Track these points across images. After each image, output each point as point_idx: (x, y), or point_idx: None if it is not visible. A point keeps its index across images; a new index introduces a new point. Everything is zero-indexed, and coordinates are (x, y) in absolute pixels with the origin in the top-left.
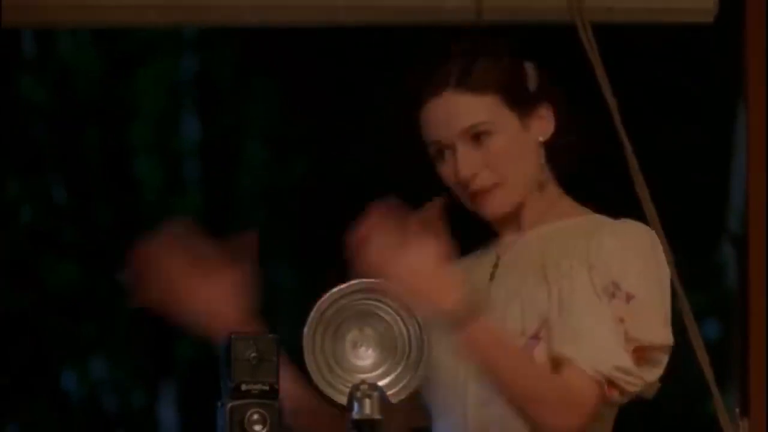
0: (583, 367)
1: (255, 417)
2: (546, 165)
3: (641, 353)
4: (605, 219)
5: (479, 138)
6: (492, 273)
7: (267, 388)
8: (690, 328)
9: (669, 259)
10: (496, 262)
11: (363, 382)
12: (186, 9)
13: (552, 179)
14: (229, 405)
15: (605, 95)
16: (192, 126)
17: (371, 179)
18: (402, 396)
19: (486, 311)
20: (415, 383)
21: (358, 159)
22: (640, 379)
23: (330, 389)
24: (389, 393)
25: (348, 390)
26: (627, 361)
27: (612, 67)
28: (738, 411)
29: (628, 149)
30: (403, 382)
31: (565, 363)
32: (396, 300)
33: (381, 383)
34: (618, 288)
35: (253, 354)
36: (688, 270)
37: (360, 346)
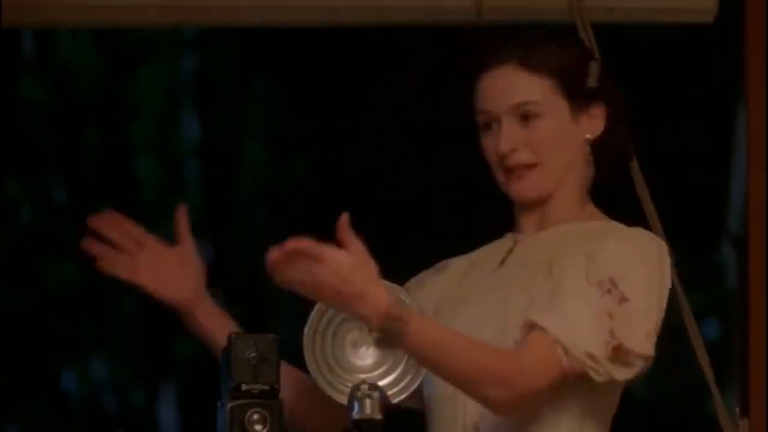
0: (552, 339)
1: (255, 417)
2: (590, 165)
3: (618, 351)
4: (620, 225)
5: (527, 118)
6: (503, 259)
7: (267, 388)
8: (690, 328)
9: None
10: (511, 248)
11: (363, 382)
12: (186, 9)
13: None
14: (229, 405)
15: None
16: (192, 126)
17: (371, 179)
18: (402, 396)
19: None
20: (415, 383)
21: (358, 159)
22: (606, 374)
23: (330, 389)
24: (389, 393)
25: (348, 390)
26: (599, 351)
27: (612, 67)
28: (738, 411)
29: None
30: (404, 382)
31: (536, 330)
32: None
33: (381, 383)
34: (615, 286)
35: (253, 354)
36: (688, 270)
37: (360, 346)
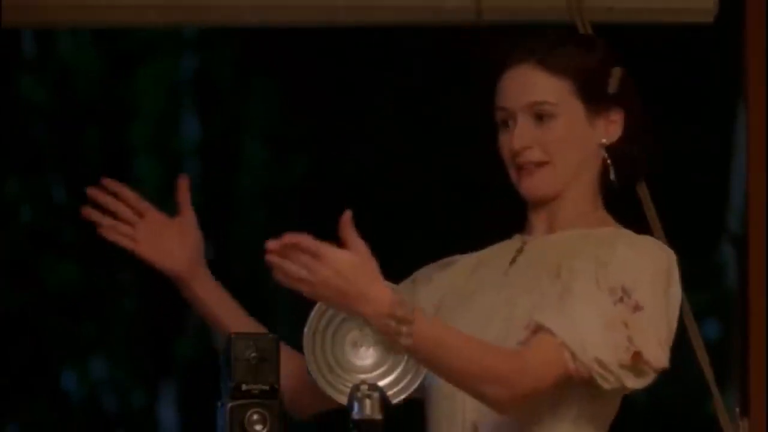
0: (559, 342)
1: (255, 417)
2: (605, 170)
3: (637, 359)
4: (629, 232)
5: (542, 118)
6: (513, 260)
7: (267, 388)
8: (690, 328)
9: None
10: (520, 248)
11: (363, 382)
12: (186, 9)
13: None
14: (229, 405)
15: None
16: (192, 126)
17: (371, 179)
18: (402, 396)
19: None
20: (416, 383)
21: (358, 159)
22: (618, 381)
23: (330, 389)
24: (389, 393)
25: (348, 390)
26: (611, 357)
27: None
28: (738, 411)
29: None
30: (404, 382)
31: (543, 332)
32: None
33: (381, 383)
34: (627, 295)
35: (253, 354)
36: (688, 270)
37: (360, 346)
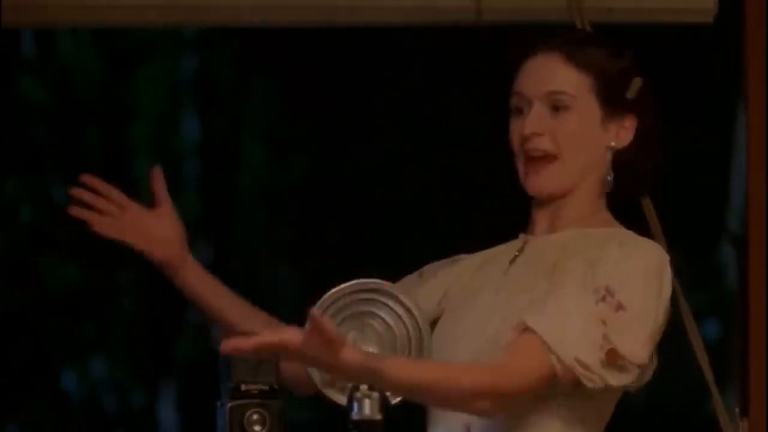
0: (541, 342)
1: (255, 417)
2: (611, 174)
3: (612, 356)
4: (627, 232)
5: (558, 109)
6: (513, 259)
7: (267, 388)
8: (690, 328)
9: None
10: (521, 248)
11: None
12: (186, 9)
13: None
14: (229, 405)
15: None
16: (192, 126)
17: (371, 179)
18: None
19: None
20: None
21: (358, 159)
22: (601, 380)
23: (330, 389)
24: (389, 393)
25: (348, 390)
26: (590, 357)
27: None
28: (738, 411)
29: None
30: None
31: (527, 332)
32: (396, 300)
33: None
34: (610, 294)
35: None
36: (688, 270)
37: (360, 346)
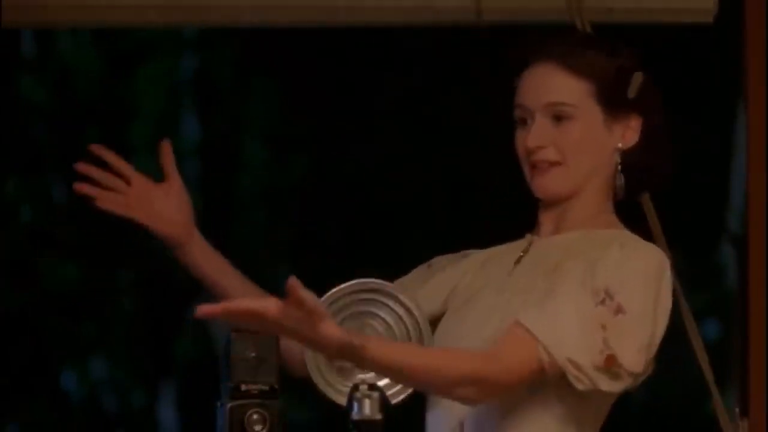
0: (532, 337)
1: (255, 417)
2: (618, 175)
3: (611, 362)
4: (629, 234)
5: (560, 119)
6: (518, 260)
7: (267, 388)
8: (690, 328)
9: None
10: (526, 249)
11: (362, 382)
12: (186, 9)
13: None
14: (229, 405)
15: None
16: (192, 126)
17: (371, 179)
18: (402, 396)
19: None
20: None
21: (358, 159)
22: (591, 383)
23: (330, 389)
24: (388, 393)
25: (347, 390)
26: (585, 359)
27: None
28: (738, 411)
29: None
30: None
31: (518, 328)
32: (396, 300)
33: (380, 383)
34: (610, 297)
35: (253, 354)
36: (688, 270)
37: None
